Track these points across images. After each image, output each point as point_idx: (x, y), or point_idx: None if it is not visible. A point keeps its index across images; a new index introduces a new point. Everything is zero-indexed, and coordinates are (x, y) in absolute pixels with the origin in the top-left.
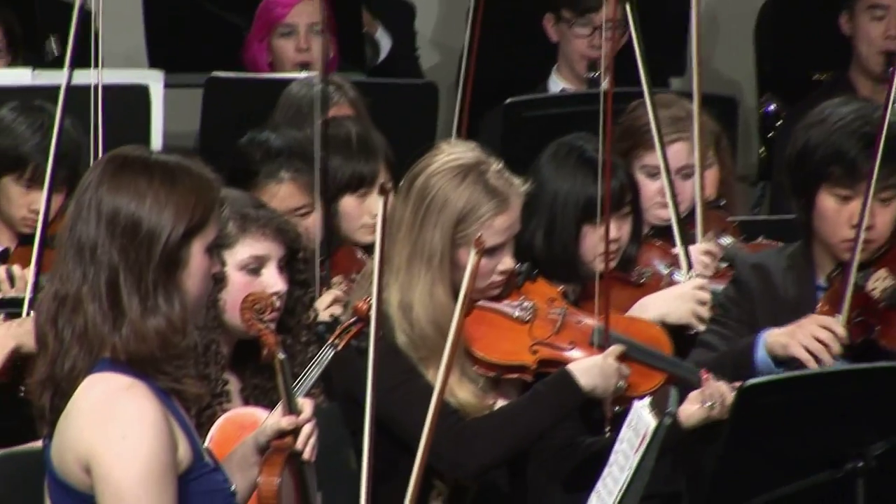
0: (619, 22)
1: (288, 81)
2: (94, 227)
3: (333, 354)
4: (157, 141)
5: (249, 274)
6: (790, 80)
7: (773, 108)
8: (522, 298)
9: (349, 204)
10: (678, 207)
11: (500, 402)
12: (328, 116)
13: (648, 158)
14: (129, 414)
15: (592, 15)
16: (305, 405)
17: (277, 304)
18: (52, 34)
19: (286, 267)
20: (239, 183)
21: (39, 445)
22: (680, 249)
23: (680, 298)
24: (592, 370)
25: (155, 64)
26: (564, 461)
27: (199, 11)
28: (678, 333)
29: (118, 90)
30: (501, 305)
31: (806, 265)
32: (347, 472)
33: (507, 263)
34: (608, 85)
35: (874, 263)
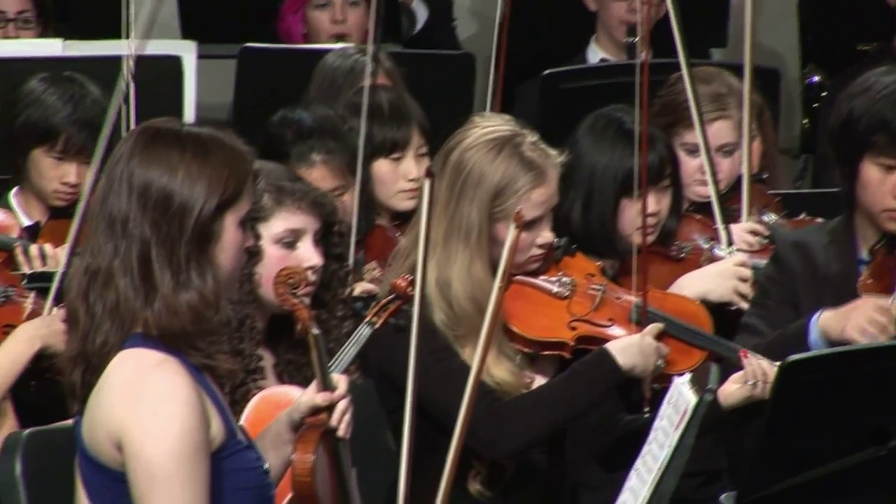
0: None
1: (322, 53)
2: (125, 200)
3: (371, 333)
4: (189, 113)
5: (285, 247)
6: (834, 51)
7: (816, 79)
8: (561, 274)
9: (384, 168)
10: (718, 185)
11: (537, 379)
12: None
13: (688, 136)
14: (161, 390)
15: None
16: (340, 381)
17: (312, 278)
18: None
19: (322, 240)
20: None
21: (70, 422)
22: (721, 227)
23: (721, 276)
24: (631, 349)
25: (188, 35)
26: (603, 439)
27: None
28: (720, 310)
29: (150, 61)
30: (540, 281)
31: (847, 239)
32: (383, 449)
33: (545, 237)
34: (645, 57)
35: None
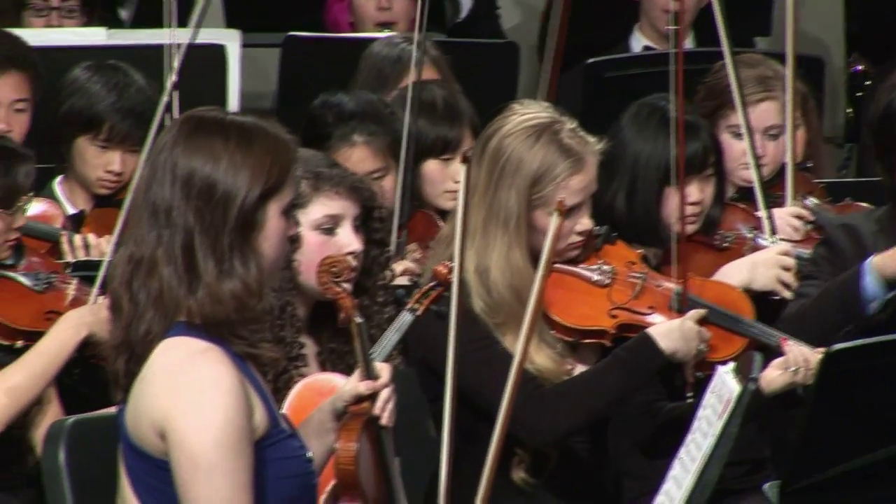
0: None
1: (368, 41)
2: (169, 189)
3: (413, 320)
4: (233, 102)
5: (324, 233)
6: (879, 39)
7: (860, 68)
8: (601, 262)
9: (433, 168)
10: (762, 170)
11: (578, 367)
12: (415, 79)
13: (734, 118)
14: (204, 379)
15: None
16: (383, 370)
17: (354, 264)
18: None
19: (362, 226)
20: (312, 147)
21: (113, 411)
22: (763, 214)
23: (764, 265)
24: (673, 333)
25: (232, 23)
26: (645, 427)
27: None
28: (762, 300)
29: (195, 50)
30: (580, 269)
31: (894, 229)
32: (425, 437)
33: (584, 224)
34: (679, 46)
35: None
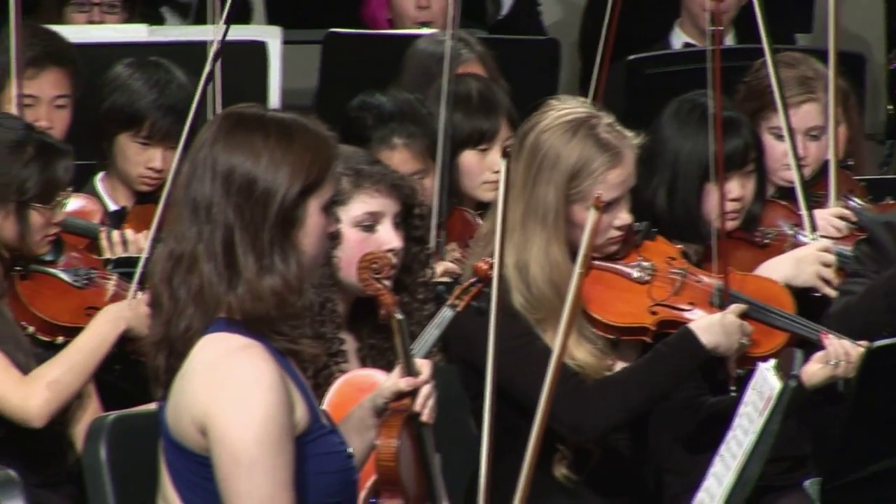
0: None
1: (407, 38)
2: (209, 185)
3: (453, 315)
4: (274, 98)
5: (364, 230)
6: None
7: None
8: (641, 258)
9: (470, 159)
10: (803, 171)
11: (619, 363)
12: (456, 73)
13: (776, 120)
14: (245, 375)
15: None
16: (424, 366)
17: (394, 261)
18: None
19: (402, 223)
20: None
21: (154, 407)
22: (805, 213)
23: (804, 261)
24: (714, 327)
25: (273, 20)
26: (687, 422)
27: None
28: (802, 296)
29: (236, 47)
30: (619, 265)
31: None
32: (466, 433)
33: (623, 218)
34: (716, 43)
35: None
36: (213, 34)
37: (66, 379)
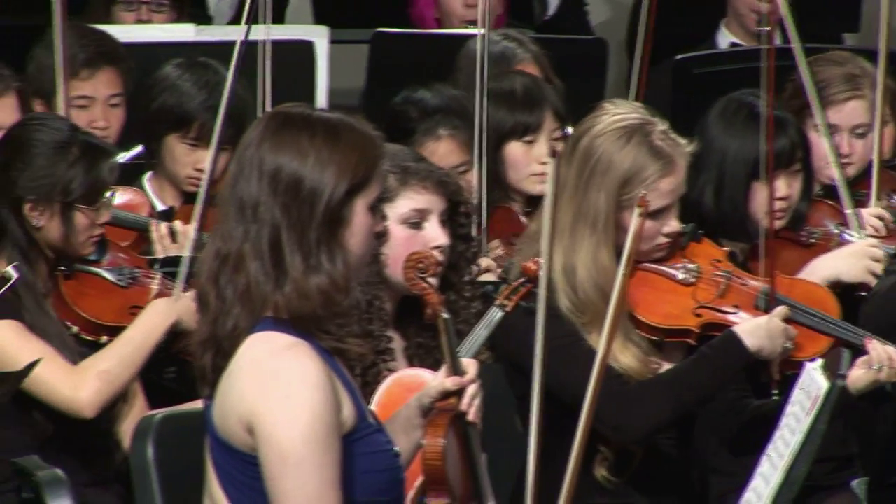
0: None
1: (455, 38)
2: (255, 184)
3: (502, 316)
4: (321, 98)
5: (411, 228)
6: None
7: None
8: (686, 260)
9: (515, 151)
10: (848, 168)
11: (664, 365)
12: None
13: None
14: (292, 374)
15: None
16: (470, 366)
17: (440, 259)
18: None
19: (448, 221)
20: (396, 142)
21: (200, 405)
22: (850, 212)
23: (853, 256)
24: (758, 331)
25: (320, 20)
26: (732, 424)
27: None
28: (849, 296)
29: (283, 46)
30: (665, 267)
31: None
32: (513, 433)
33: (672, 226)
34: (770, 43)
35: None
36: (259, 34)
37: (115, 370)
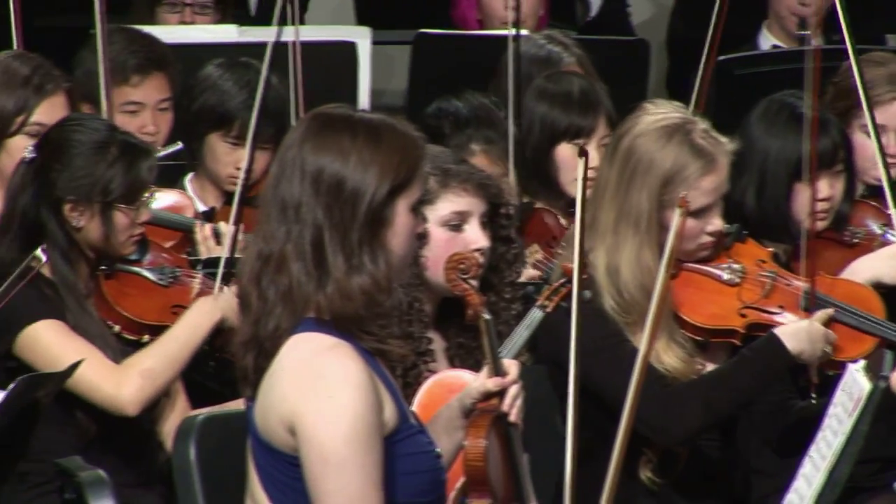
0: None
1: (497, 39)
2: (297, 185)
3: (542, 316)
4: (363, 99)
5: (451, 230)
6: None
7: None
8: (731, 260)
9: (566, 153)
10: (893, 169)
11: (708, 366)
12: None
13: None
14: (334, 374)
15: None
16: (511, 367)
17: (481, 260)
18: None
19: (489, 223)
20: None
21: (242, 406)
22: (893, 212)
23: (895, 258)
24: (800, 334)
25: (362, 21)
26: (775, 425)
27: None
28: (893, 295)
29: (325, 47)
30: (710, 268)
31: None
32: (555, 434)
33: (715, 224)
34: (815, 44)
35: None
36: (301, 35)
37: (158, 368)
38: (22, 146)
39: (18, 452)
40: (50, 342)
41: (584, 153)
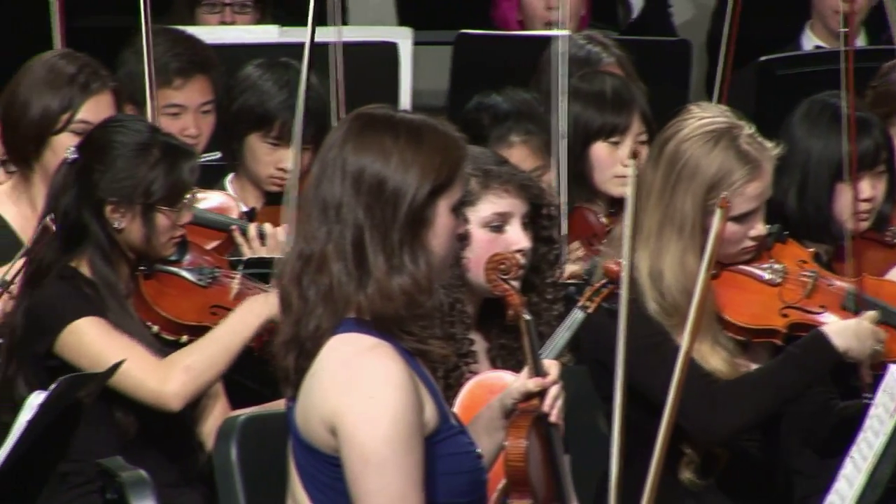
0: None
1: (537, 39)
2: (339, 185)
3: (584, 317)
4: (405, 99)
5: (493, 231)
6: None
7: None
8: (772, 261)
9: (601, 151)
10: None
11: (751, 367)
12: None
13: None
14: (375, 375)
15: None
16: (552, 367)
17: (522, 261)
18: None
19: (530, 223)
20: None
21: (283, 406)
22: None
23: None
24: (847, 332)
25: (404, 21)
26: (818, 425)
27: None
28: None
29: (367, 48)
30: (751, 268)
31: None
32: (597, 435)
33: (758, 229)
34: (849, 44)
35: None
36: (342, 36)
37: (202, 365)
38: (67, 144)
39: (60, 453)
40: (93, 339)
41: (635, 155)
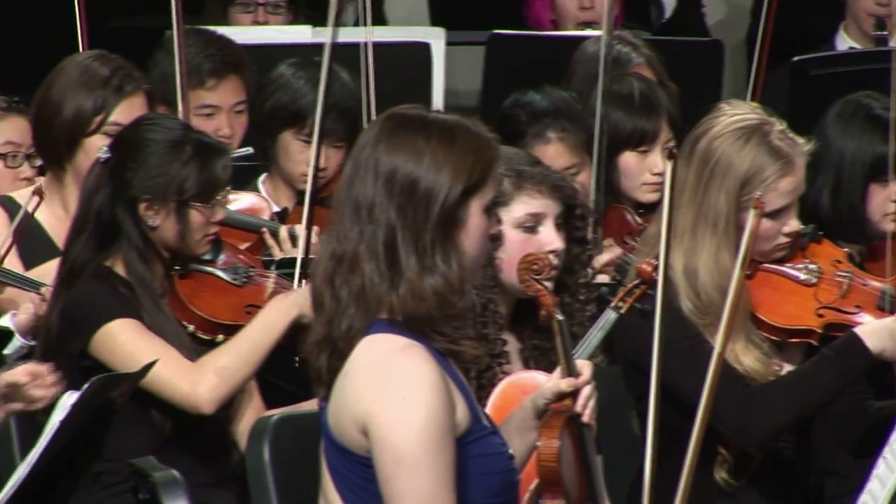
0: None
1: (570, 39)
2: (371, 185)
3: (617, 318)
4: (437, 99)
5: (526, 232)
6: None
7: None
8: (807, 261)
9: (630, 160)
10: None
11: (785, 367)
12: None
13: None
14: (407, 375)
15: None
16: (584, 367)
17: (555, 262)
18: None
19: (563, 224)
20: (506, 145)
21: (315, 406)
22: None
23: None
24: (881, 332)
25: (437, 22)
26: (852, 426)
27: None
28: None
29: (400, 48)
30: (786, 268)
31: None
32: (630, 435)
33: (792, 225)
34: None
35: None
36: (374, 36)
37: (234, 366)
38: (99, 146)
39: (93, 453)
40: (126, 340)
41: (672, 156)
